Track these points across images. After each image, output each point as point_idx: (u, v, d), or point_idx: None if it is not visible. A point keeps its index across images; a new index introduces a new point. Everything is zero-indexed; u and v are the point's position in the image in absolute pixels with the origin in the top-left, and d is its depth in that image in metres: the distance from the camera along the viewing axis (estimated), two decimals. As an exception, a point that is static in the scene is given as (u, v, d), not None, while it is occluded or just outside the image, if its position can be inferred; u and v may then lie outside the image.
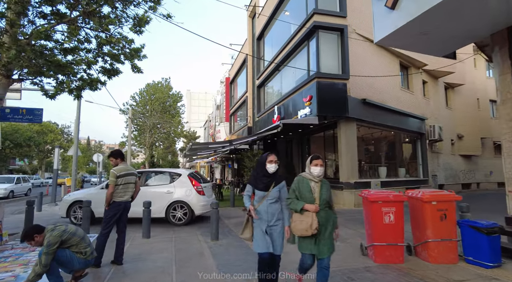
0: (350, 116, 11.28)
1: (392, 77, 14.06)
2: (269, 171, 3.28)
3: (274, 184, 3.27)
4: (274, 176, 3.31)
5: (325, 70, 11.43)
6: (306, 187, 3.24)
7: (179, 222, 7.96)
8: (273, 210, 3.25)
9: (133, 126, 33.22)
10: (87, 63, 8.52)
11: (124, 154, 18.92)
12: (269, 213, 3.23)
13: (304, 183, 3.27)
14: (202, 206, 8.07)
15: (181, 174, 8.43)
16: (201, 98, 72.50)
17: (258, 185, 3.28)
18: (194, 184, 8.22)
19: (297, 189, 3.26)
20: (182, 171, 8.67)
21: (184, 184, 8.14)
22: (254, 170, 3.47)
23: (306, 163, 3.43)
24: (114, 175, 4.63)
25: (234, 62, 26.49)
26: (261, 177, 3.29)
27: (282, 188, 3.36)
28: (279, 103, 14.67)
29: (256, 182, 3.31)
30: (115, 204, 4.64)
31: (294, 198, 3.25)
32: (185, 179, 8.21)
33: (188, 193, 8.01)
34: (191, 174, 8.67)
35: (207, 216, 9.26)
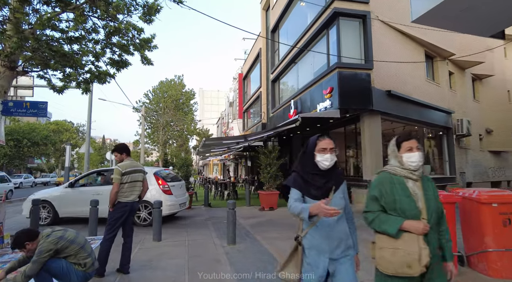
0: (374, 109, 10.48)
1: (417, 68, 13.12)
2: (320, 166, 1.99)
3: (334, 187, 2.00)
4: (331, 173, 2.03)
5: (346, 60, 10.65)
6: (401, 190, 1.94)
7: (144, 222, 7.56)
8: (338, 232, 1.97)
9: (146, 124, 33.15)
10: (95, 54, 8.08)
11: (138, 152, 18.38)
12: (333, 237, 1.95)
13: (395, 184, 1.97)
14: (169, 206, 7.61)
15: (146, 172, 8.11)
16: (214, 96, 72.35)
17: (309, 190, 1.99)
18: (160, 182, 7.84)
19: (382, 195, 1.96)
20: (148, 169, 8.21)
21: (150, 183, 7.67)
22: (297, 163, 2.15)
23: (390, 149, 2.15)
24: (119, 172, 4.09)
25: (247, 57, 25.86)
26: (310, 176, 2.01)
27: (345, 192, 2.14)
28: (295, 98, 13.96)
29: (305, 185, 2.00)
30: (120, 204, 4.10)
31: (378, 212, 1.99)
32: (151, 178, 7.81)
33: (153, 192, 7.59)
34: (158, 172, 8.22)
35: (220, 216, 8.71)
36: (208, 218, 8.57)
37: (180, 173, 10.67)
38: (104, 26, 7.96)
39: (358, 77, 10.49)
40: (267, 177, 9.99)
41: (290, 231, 6.68)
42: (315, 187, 1.99)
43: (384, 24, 11.57)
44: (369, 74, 10.55)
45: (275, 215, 9.03)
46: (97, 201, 6.42)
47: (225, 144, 11.61)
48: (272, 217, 8.57)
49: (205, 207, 10.95)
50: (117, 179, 4.07)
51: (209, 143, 9.95)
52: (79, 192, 7.92)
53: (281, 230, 6.79)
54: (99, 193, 7.60)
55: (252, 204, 11.05)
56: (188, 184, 10.85)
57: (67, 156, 12.98)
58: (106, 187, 7.65)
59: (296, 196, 2.00)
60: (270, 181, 10.05)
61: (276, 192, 10.16)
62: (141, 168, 4.41)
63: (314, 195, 1.97)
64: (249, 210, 9.99)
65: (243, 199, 13.34)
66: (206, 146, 11.23)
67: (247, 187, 11.09)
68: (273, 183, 10.10)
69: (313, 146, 2.07)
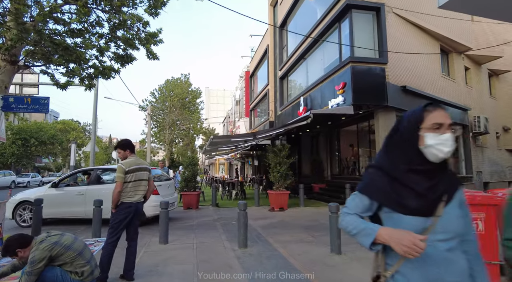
0: (389, 105, 10.01)
1: (432, 63, 12.59)
2: (433, 154, 1.18)
3: (446, 196, 1.19)
4: (443, 171, 1.22)
5: (360, 54, 10.20)
6: None
7: None
8: (454, 274, 1.15)
9: (153, 123, 33.00)
10: (99, 49, 7.79)
11: (144, 151, 17.99)
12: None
13: None
14: (154, 207, 7.15)
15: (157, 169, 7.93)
16: (219, 95, 72.14)
17: (401, 199, 1.18)
18: None
19: None
20: None
21: None
22: (381, 153, 1.32)
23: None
24: (122, 170, 3.75)
25: (254, 54, 25.48)
26: (405, 176, 1.20)
27: (465, 206, 1.26)
28: (305, 94, 13.54)
29: (394, 189, 1.20)
30: (123, 205, 3.76)
31: None
32: None
33: None
34: None
35: (229, 217, 8.36)
36: (217, 219, 8.22)
37: (186, 172, 10.34)
38: (108, 19, 7.68)
39: (372, 72, 10.03)
40: (277, 176, 9.60)
41: (304, 233, 6.29)
42: (414, 194, 1.17)
43: (399, 17, 11.08)
44: (383, 69, 10.09)
45: (286, 216, 8.65)
46: (101, 201, 6.13)
47: (233, 142, 11.24)
48: (283, 218, 8.19)
49: (213, 207, 10.61)
50: (120, 178, 3.73)
51: (217, 140, 9.60)
52: (63, 192, 7.60)
53: (294, 233, 6.40)
54: (82, 193, 7.34)
55: (261, 204, 10.68)
56: (195, 183, 10.51)
57: (72, 154, 12.76)
58: (91, 187, 7.47)
59: (360, 205, 1.26)
60: (280, 180, 9.66)
61: (286, 192, 9.77)
62: (146, 165, 4.07)
63: (410, 208, 1.16)
64: (259, 211, 9.61)
65: (251, 198, 12.97)
66: (213, 144, 10.89)
67: (256, 186, 10.70)
68: (283, 183, 9.71)
69: (417, 121, 1.23)
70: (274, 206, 9.65)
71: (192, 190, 10.38)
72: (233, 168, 49.29)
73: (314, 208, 10.07)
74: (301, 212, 9.35)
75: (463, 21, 14.68)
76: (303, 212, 9.25)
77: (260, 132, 10.72)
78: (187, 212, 9.77)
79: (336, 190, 12.07)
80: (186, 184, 10.30)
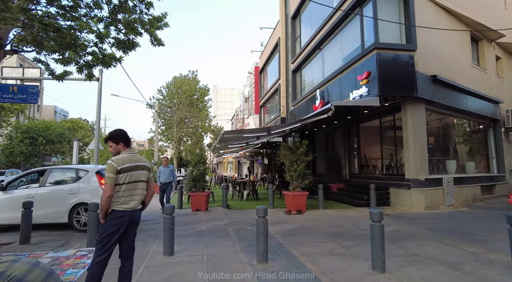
0: (418, 97, 9.00)
1: (463, 51, 11.49)
2: None
3: None
4: None
5: (385, 40, 9.19)
6: None
7: (84, 227, 6.55)
8: None
9: (160, 120, 32.41)
10: (98, 35, 6.99)
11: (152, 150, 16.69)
12: None
13: None
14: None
15: (88, 170, 7.08)
16: (227, 94, 71.50)
17: None
18: (102, 182, 6.79)
19: None
20: (90, 167, 7.29)
21: (91, 183, 6.86)
22: None
23: None
24: (113, 169, 2.90)
25: (265, 48, 24.53)
26: None
27: None
28: (321, 87, 12.58)
29: None
30: (115, 214, 2.92)
31: None
32: (93, 177, 6.88)
33: (95, 194, 6.66)
34: (100, 171, 7.11)
35: (241, 221, 7.49)
36: (229, 223, 7.36)
37: (195, 171, 9.51)
38: (107, 1, 6.88)
39: (400, 60, 9.02)
40: (294, 175, 8.69)
41: (332, 243, 5.38)
42: None
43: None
44: (412, 56, 9.07)
45: (305, 220, 7.74)
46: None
47: (244, 138, 10.36)
48: (303, 223, 7.28)
49: (223, 208, 9.77)
50: (110, 179, 2.89)
51: (228, 136, 8.72)
52: (11, 196, 6.84)
53: (321, 242, 5.49)
54: (32, 196, 6.63)
55: (275, 206, 9.78)
56: (204, 183, 9.67)
57: (75, 152, 12.10)
58: (42, 189, 6.82)
59: None
60: (297, 180, 8.75)
61: (304, 192, 8.85)
62: (145, 163, 3.21)
63: None
64: (274, 213, 8.72)
65: (264, 199, 12.11)
66: (224, 141, 10.04)
67: (269, 186, 9.81)
68: (301, 183, 8.79)
69: None
70: (291, 208, 8.76)
71: (201, 190, 9.54)
72: (242, 167, 48.53)
73: (335, 211, 9.13)
74: (321, 215, 8.42)
75: (495, 6, 13.48)
76: (324, 216, 8.32)
77: (275, 127, 9.81)
78: (196, 214, 8.95)
79: (357, 191, 11.10)
80: (194, 184, 9.47)
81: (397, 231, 6.35)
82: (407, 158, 9.26)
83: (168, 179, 9.12)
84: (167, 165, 9.28)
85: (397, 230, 6.41)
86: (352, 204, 9.91)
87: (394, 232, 6.23)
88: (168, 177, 9.13)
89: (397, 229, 6.47)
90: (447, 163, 10.93)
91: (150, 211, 9.91)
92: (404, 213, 8.55)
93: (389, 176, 10.50)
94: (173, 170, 9.22)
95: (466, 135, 12.69)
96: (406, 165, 9.31)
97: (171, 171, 9.20)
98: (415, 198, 8.92)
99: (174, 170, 9.27)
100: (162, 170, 9.19)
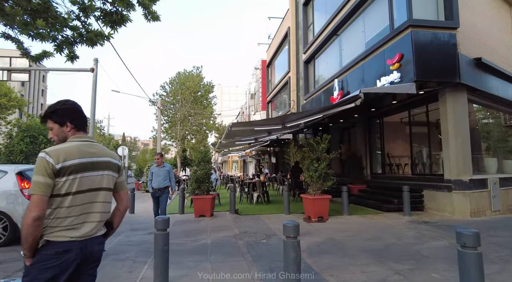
0: (461, 83, 7.63)
1: (505, 34, 10.07)
2: None
3: None
4: None
5: (420, 17, 7.82)
6: None
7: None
8: None
9: (163, 118, 31.30)
10: (81, 6, 5.74)
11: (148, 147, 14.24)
12: None
13: None
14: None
15: (6, 171, 5.83)
16: (232, 92, 70.40)
17: None
18: (23, 186, 5.64)
19: None
20: (9, 167, 5.96)
21: (7, 186, 5.63)
22: None
23: None
24: (47, 168, 1.63)
25: (272, 41, 23.20)
26: None
27: None
28: (340, 76, 11.24)
29: None
30: (50, 249, 1.64)
31: None
32: (11, 179, 5.68)
33: (11, 199, 5.55)
34: (22, 172, 5.88)
35: (254, 231, 6.20)
36: (239, 235, 6.07)
37: (199, 170, 8.24)
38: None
39: (440, 39, 7.65)
40: (314, 176, 7.36)
41: (379, 266, 4.04)
42: None
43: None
44: (453, 35, 7.69)
45: (332, 230, 6.42)
46: None
47: (254, 132, 9.02)
48: (331, 234, 5.96)
49: (231, 214, 8.49)
50: (42, 186, 1.60)
51: (236, 130, 7.37)
52: None
53: (363, 264, 4.16)
54: None
55: (291, 211, 8.46)
56: (209, 184, 8.38)
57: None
58: None
59: None
60: (318, 181, 7.42)
61: (326, 196, 7.54)
62: (110, 158, 1.92)
63: None
64: (291, 220, 7.41)
65: (276, 202, 10.82)
66: (231, 135, 8.74)
67: (284, 188, 8.50)
68: (322, 184, 7.47)
69: None
70: (311, 214, 7.44)
71: (205, 193, 8.27)
72: (247, 166, 47.21)
73: (362, 217, 7.79)
74: (348, 223, 7.09)
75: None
76: (351, 224, 6.99)
77: (291, 116, 8.42)
78: (200, 221, 7.68)
79: (382, 193, 9.76)
80: (198, 186, 8.19)
81: (453, 246, 4.98)
82: (446, 155, 7.88)
83: (163, 183, 6.70)
84: (162, 164, 6.89)
85: (451, 244, 5.03)
86: (380, 209, 8.56)
87: (450, 248, 4.85)
88: (164, 181, 6.72)
89: (452, 243, 5.09)
90: (487, 161, 9.53)
91: (142, 215, 8.67)
92: (446, 220, 7.18)
93: (421, 176, 9.12)
94: (170, 170, 6.91)
95: (506, 130, 11.23)
96: (445, 163, 7.93)
97: (167, 172, 6.80)
98: (458, 202, 7.54)
99: (172, 170, 7.04)
100: (155, 171, 6.79)
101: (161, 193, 6.73)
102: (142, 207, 10.76)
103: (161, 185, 6.71)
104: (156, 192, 6.75)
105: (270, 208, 9.56)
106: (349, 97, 6.93)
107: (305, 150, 7.81)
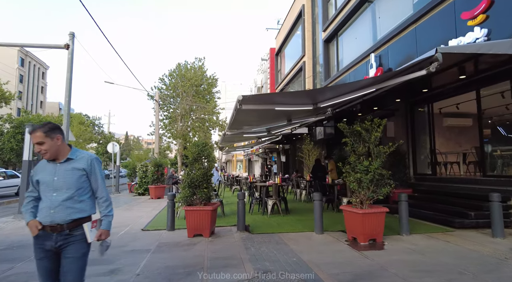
0: None
1: None
2: None
3: None
4: None
5: None
6: None
7: None
8: None
9: (163, 113, 29.01)
10: None
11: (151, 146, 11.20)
12: None
13: None
14: None
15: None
16: (236, 90, 68.38)
17: None
18: None
19: None
20: None
21: None
22: None
23: None
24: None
25: (282, 25, 20.77)
26: None
27: None
28: (376, 50, 8.81)
29: None
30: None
31: None
32: None
33: None
34: None
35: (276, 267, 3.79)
36: (256, 278, 3.65)
37: (194, 171, 5.88)
38: None
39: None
40: (365, 179, 4.92)
41: None
42: None
43: None
44: None
45: (401, 264, 3.99)
46: None
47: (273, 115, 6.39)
48: (407, 277, 3.52)
49: (240, 232, 6.09)
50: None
51: (248, 107, 4.76)
52: None
53: None
54: None
55: (327, 229, 6.01)
56: (209, 190, 5.99)
57: (26, 145, 8.73)
58: None
59: None
60: (370, 187, 4.99)
61: (382, 209, 5.12)
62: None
63: None
64: (329, 246, 5.01)
65: (296, 211, 8.44)
66: (240, 117, 6.21)
67: (315, 196, 6.06)
68: (375, 192, 5.04)
69: None
70: (358, 236, 5.03)
71: (203, 202, 5.87)
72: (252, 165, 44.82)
73: (431, 239, 5.33)
74: (419, 251, 4.63)
75: None
76: (426, 253, 4.53)
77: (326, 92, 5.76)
78: (194, 244, 5.28)
79: (440, 200, 7.32)
80: (192, 192, 5.80)
81: None
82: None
83: (64, 208, 2.06)
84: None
85: None
86: (450, 225, 6.09)
87: None
88: (69, 200, 2.10)
89: None
90: None
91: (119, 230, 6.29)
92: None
93: (501, 179, 6.65)
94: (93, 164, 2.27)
95: None
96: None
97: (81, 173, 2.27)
98: None
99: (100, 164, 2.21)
100: (41, 173, 2.18)
101: (62, 240, 2.05)
102: (127, 217, 8.43)
103: (61, 213, 2.05)
104: (45, 236, 2.06)
105: (292, 221, 7.16)
106: (419, 59, 4.50)
107: (347, 140, 5.39)
